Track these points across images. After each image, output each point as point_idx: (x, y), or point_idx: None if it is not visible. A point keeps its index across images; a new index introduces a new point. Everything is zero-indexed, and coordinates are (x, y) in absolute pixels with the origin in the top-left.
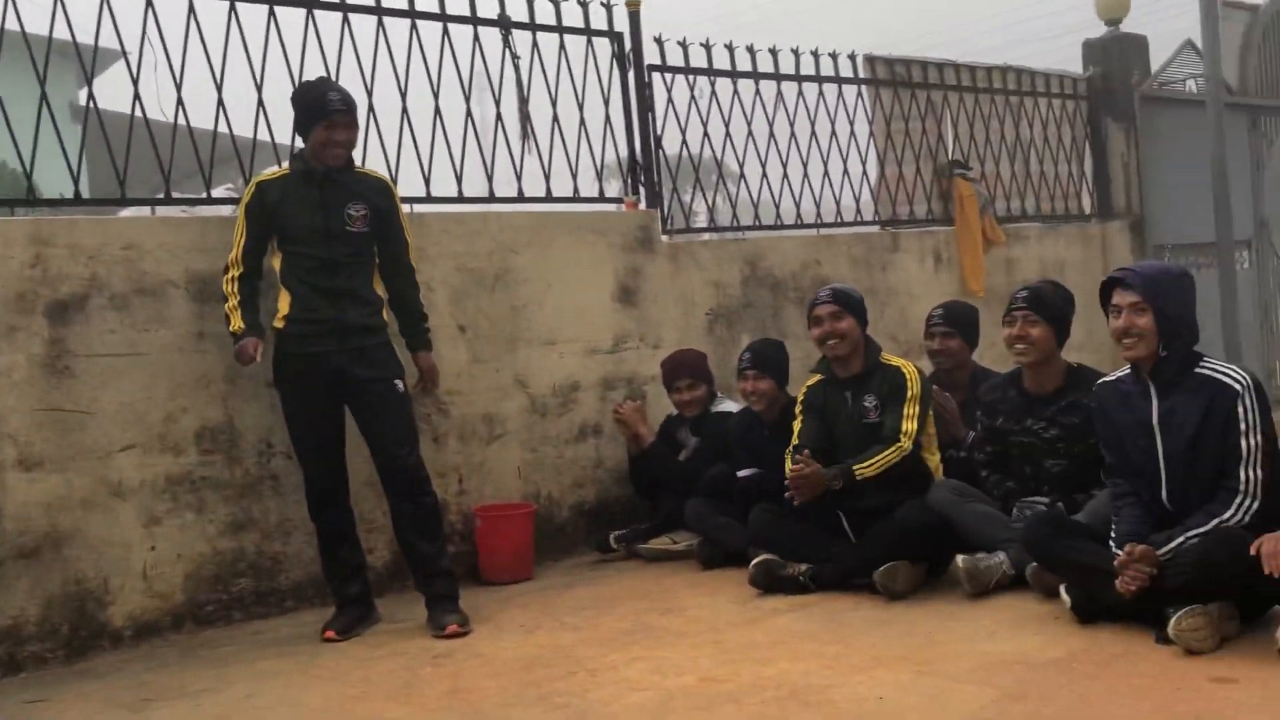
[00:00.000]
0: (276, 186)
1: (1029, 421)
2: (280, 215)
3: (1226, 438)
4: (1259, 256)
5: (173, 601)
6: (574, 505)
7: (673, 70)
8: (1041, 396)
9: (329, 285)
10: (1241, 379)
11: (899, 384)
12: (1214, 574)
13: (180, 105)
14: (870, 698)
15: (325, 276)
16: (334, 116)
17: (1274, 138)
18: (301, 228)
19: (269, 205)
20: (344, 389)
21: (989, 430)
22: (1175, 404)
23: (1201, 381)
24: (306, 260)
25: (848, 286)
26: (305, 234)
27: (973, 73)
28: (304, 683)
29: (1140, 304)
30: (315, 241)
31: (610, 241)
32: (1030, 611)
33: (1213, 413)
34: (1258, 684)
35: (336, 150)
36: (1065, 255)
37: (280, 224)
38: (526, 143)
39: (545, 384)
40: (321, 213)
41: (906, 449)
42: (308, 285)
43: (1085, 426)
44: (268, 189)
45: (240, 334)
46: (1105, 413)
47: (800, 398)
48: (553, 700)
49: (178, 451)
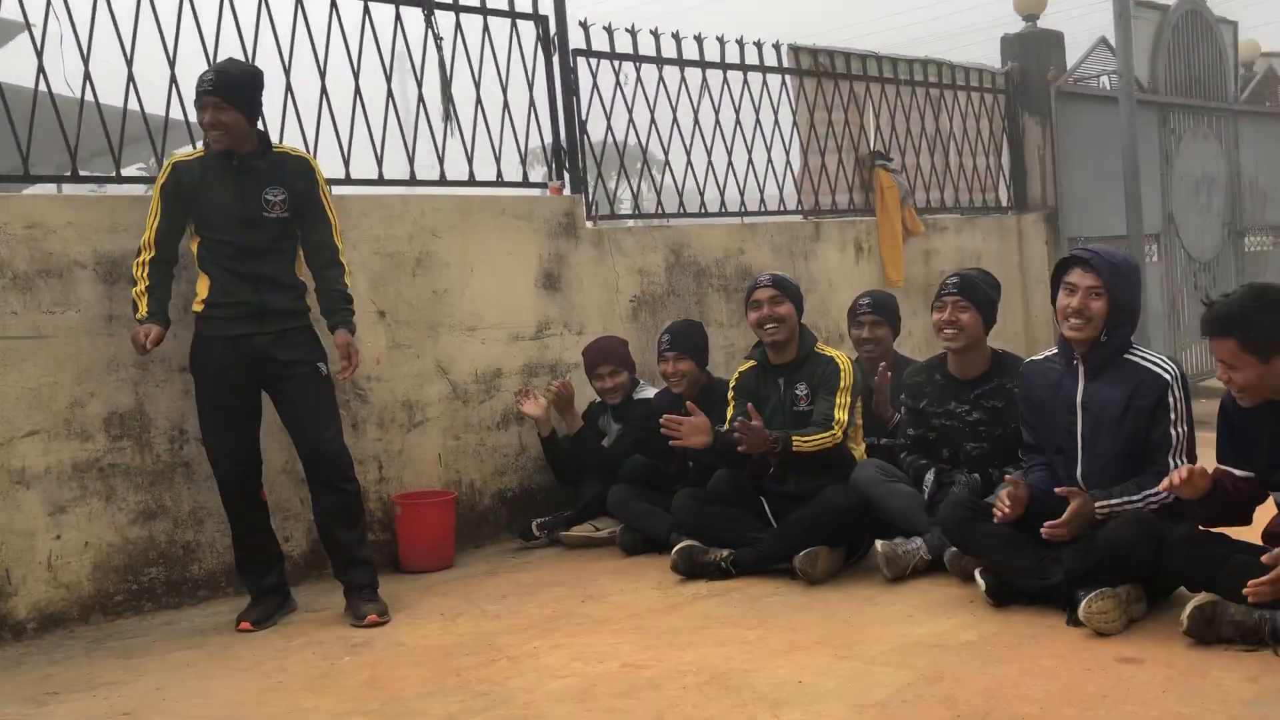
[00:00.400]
0: (193, 169)
1: (952, 405)
2: (196, 201)
3: (1155, 425)
4: (1167, 250)
5: (79, 592)
6: (496, 493)
7: (598, 55)
8: (966, 381)
9: (248, 271)
10: (1170, 369)
11: (831, 374)
12: (1123, 556)
13: (88, 81)
14: (790, 681)
15: (244, 262)
16: (202, 98)
17: (1182, 134)
18: (218, 214)
19: (184, 189)
20: (264, 373)
21: (912, 412)
22: (1101, 386)
23: (1129, 367)
24: (225, 247)
25: (787, 275)
26: (222, 221)
27: (894, 65)
28: (217, 673)
29: (1098, 288)
30: (232, 228)
31: (534, 227)
32: (947, 595)
33: (1137, 398)
34: (1161, 663)
35: (212, 132)
36: (982, 246)
37: (197, 210)
38: (449, 125)
39: (467, 370)
40: (238, 199)
41: (839, 437)
42: (227, 271)
43: (1007, 411)
44: (183, 171)
45: (142, 321)
46: (1031, 390)
47: (733, 382)
48: (473, 688)
49: (85, 438)
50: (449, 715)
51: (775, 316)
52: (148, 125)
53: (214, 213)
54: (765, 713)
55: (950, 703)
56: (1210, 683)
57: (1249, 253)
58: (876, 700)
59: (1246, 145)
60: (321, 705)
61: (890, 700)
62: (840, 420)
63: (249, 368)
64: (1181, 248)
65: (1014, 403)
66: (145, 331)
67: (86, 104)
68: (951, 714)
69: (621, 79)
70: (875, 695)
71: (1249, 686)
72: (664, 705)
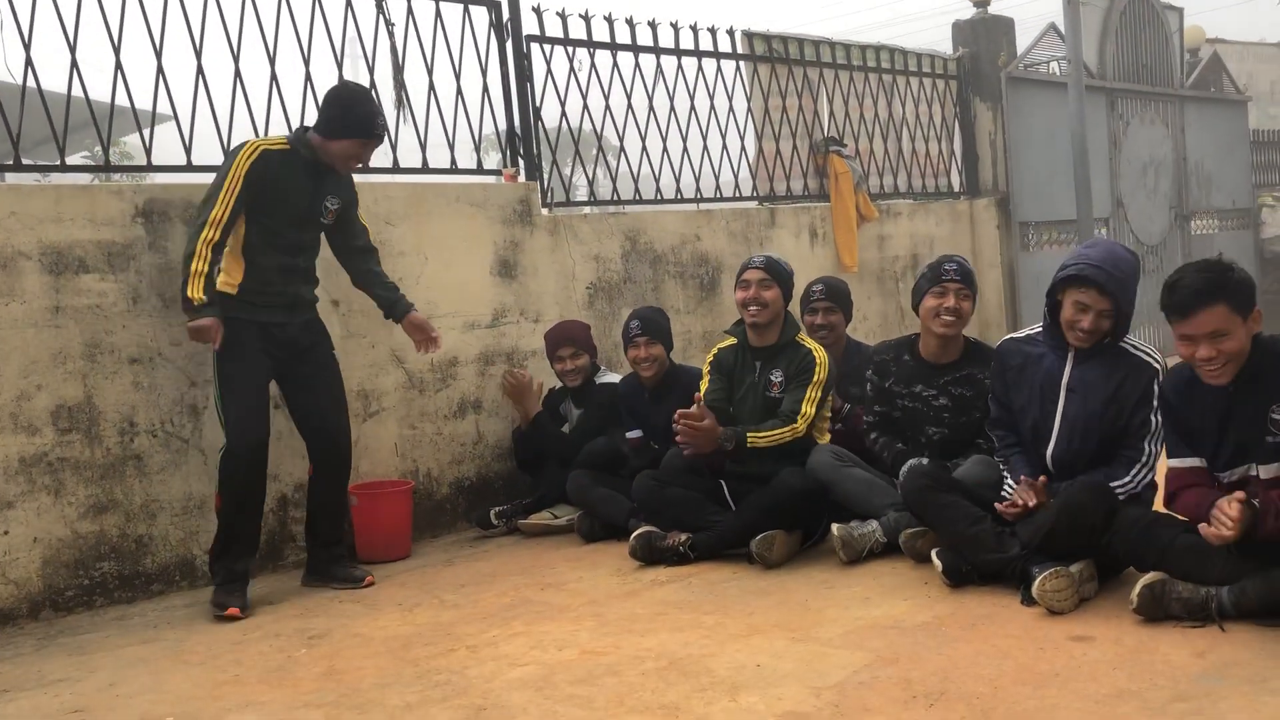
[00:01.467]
0: (277, 161)
1: (919, 387)
2: (272, 192)
3: (1136, 411)
4: (1115, 234)
5: (29, 588)
6: (453, 482)
7: (552, 41)
8: (937, 366)
9: (290, 264)
10: (1158, 359)
11: (807, 366)
12: (1077, 518)
13: (30, 67)
14: (748, 665)
15: (290, 256)
16: (374, 140)
17: (1130, 120)
18: (286, 209)
19: (266, 177)
20: (288, 358)
21: (878, 390)
22: (1088, 371)
23: (1118, 354)
24: (278, 240)
25: (781, 259)
26: (286, 216)
27: (848, 51)
28: (171, 667)
29: (1109, 312)
30: (292, 226)
31: (489, 214)
32: (903, 578)
33: (1127, 387)
34: (1111, 641)
35: (353, 165)
36: (935, 231)
37: (267, 200)
38: (401, 112)
39: (423, 359)
40: (307, 201)
41: (800, 432)
42: (272, 263)
43: (973, 400)
44: (269, 160)
45: (201, 306)
46: (1006, 368)
47: (710, 357)
48: (432, 678)
49: (32, 431)
50: (407, 705)
51: (760, 299)
52: (93, 112)
53: (283, 207)
54: (724, 697)
55: (906, 684)
56: (1159, 659)
57: (1195, 235)
58: (834, 682)
59: (1192, 130)
60: (278, 698)
61: (847, 682)
62: (806, 414)
63: (275, 352)
64: (1130, 231)
65: (982, 393)
66: (215, 329)
67: (29, 91)
68: (907, 694)
69: (575, 65)
70: (832, 677)
71: (1197, 661)
72: (623, 691)
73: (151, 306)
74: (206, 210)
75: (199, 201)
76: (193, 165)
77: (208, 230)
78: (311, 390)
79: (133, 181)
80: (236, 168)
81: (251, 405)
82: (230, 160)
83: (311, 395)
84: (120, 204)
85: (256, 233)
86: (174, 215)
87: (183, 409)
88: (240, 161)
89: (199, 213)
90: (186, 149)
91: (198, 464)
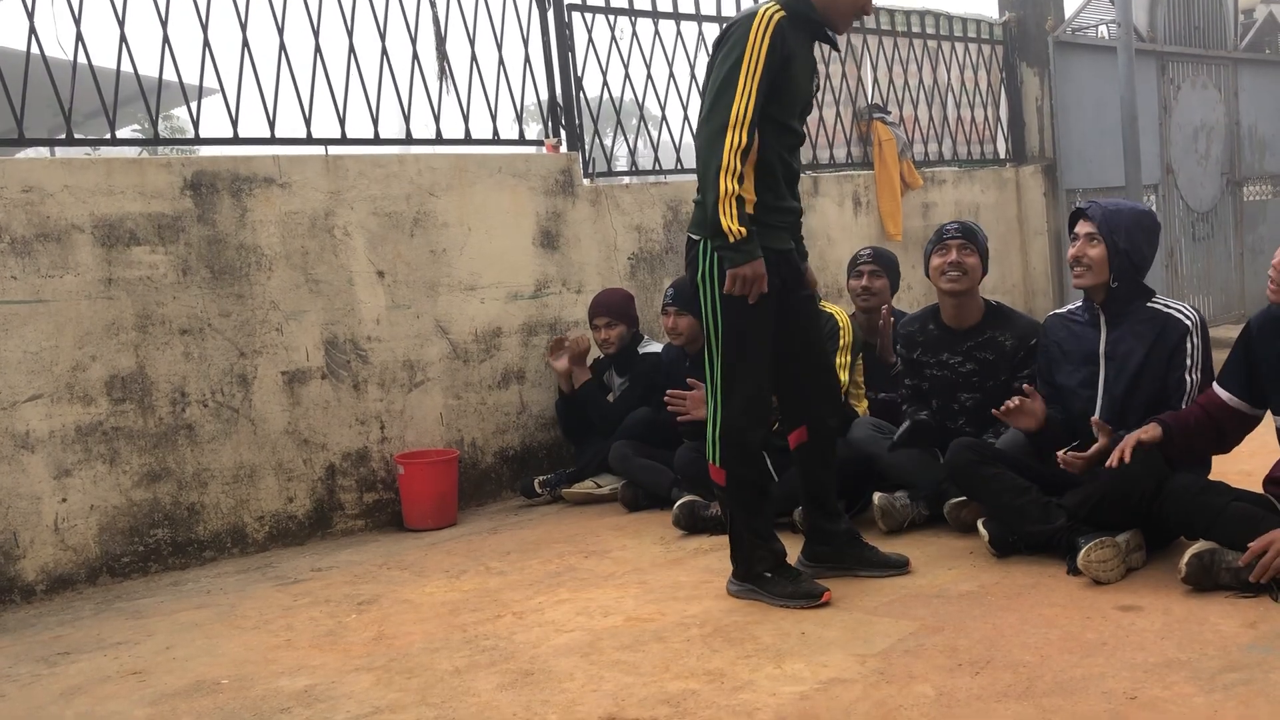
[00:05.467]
0: (787, 29)
1: (945, 355)
2: (786, 72)
3: (1170, 371)
4: (1165, 201)
5: (86, 554)
6: (498, 451)
7: (593, 10)
8: (960, 331)
9: (795, 168)
10: (1191, 316)
11: (831, 331)
12: (1129, 487)
13: (80, 42)
14: (793, 632)
15: (793, 157)
16: None
17: (1181, 84)
18: (799, 94)
19: (782, 53)
20: (786, 294)
21: (907, 363)
22: (1123, 334)
23: (1151, 315)
24: (791, 137)
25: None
26: (796, 103)
27: (892, 16)
28: (225, 632)
29: (1094, 235)
30: (796, 115)
31: (531, 185)
32: (947, 548)
33: (1159, 346)
34: (1159, 611)
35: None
36: (980, 199)
37: (783, 84)
38: (444, 83)
39: (467, 330)
40: (812, 78)
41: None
42: (784, 167)
43: (999, 362)
44: (785, 28)
45: (740, 243)
46: (1051, 341)
47: None
48: (479, 644)
49: (87, 401)
50: (456, 670)
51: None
52: (141, 86)
53: (796, 91)
54: (769, 664)
55: (951, 651)
56: (1208, 629)
57: (1248, 201)
58: (879, 650)
59: (1245, 94)
60: (329, 662)
61: (892, 650)
62: (840, 382)
63: (781, 287)
64: (1180, 198)
65: (1004, 355)
66: (763, 276)
67: (79, 66)
68: (952, 662)
69: (617, 33)
70: (877, 645)
71: (1247, 632)
72: (669, 657)
73: (201, 278)
74: (724, 104)
75: (710, 90)
76: (239, 138)
77: (732, 134)
78: (804, 325)
79: (181, 154)
80: (755, 40)
81: (765, 384)
82: (743, 30)
83: (804, 331)
84: (169, 176)
85: (768, 129)
86: (221, 188)
87: (232, 379)
88: (759, 30)
89: (709, 111)
90: (233, 122)
91: (247, 433)
